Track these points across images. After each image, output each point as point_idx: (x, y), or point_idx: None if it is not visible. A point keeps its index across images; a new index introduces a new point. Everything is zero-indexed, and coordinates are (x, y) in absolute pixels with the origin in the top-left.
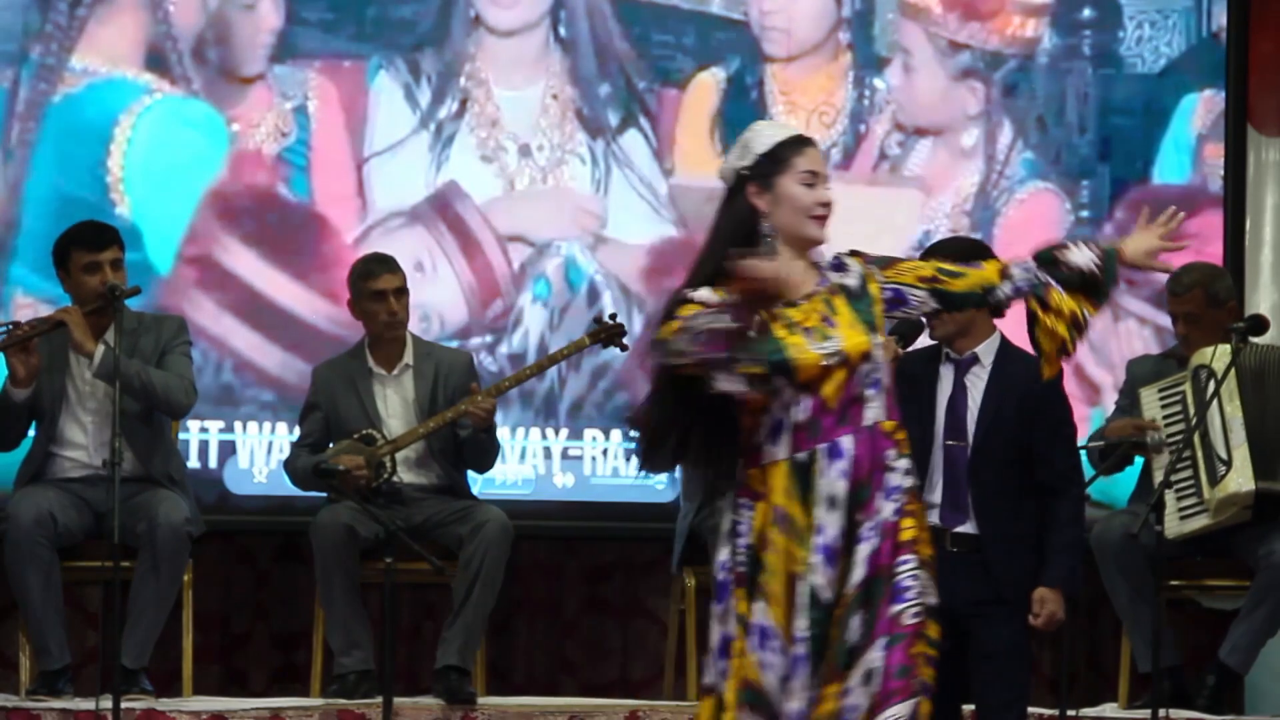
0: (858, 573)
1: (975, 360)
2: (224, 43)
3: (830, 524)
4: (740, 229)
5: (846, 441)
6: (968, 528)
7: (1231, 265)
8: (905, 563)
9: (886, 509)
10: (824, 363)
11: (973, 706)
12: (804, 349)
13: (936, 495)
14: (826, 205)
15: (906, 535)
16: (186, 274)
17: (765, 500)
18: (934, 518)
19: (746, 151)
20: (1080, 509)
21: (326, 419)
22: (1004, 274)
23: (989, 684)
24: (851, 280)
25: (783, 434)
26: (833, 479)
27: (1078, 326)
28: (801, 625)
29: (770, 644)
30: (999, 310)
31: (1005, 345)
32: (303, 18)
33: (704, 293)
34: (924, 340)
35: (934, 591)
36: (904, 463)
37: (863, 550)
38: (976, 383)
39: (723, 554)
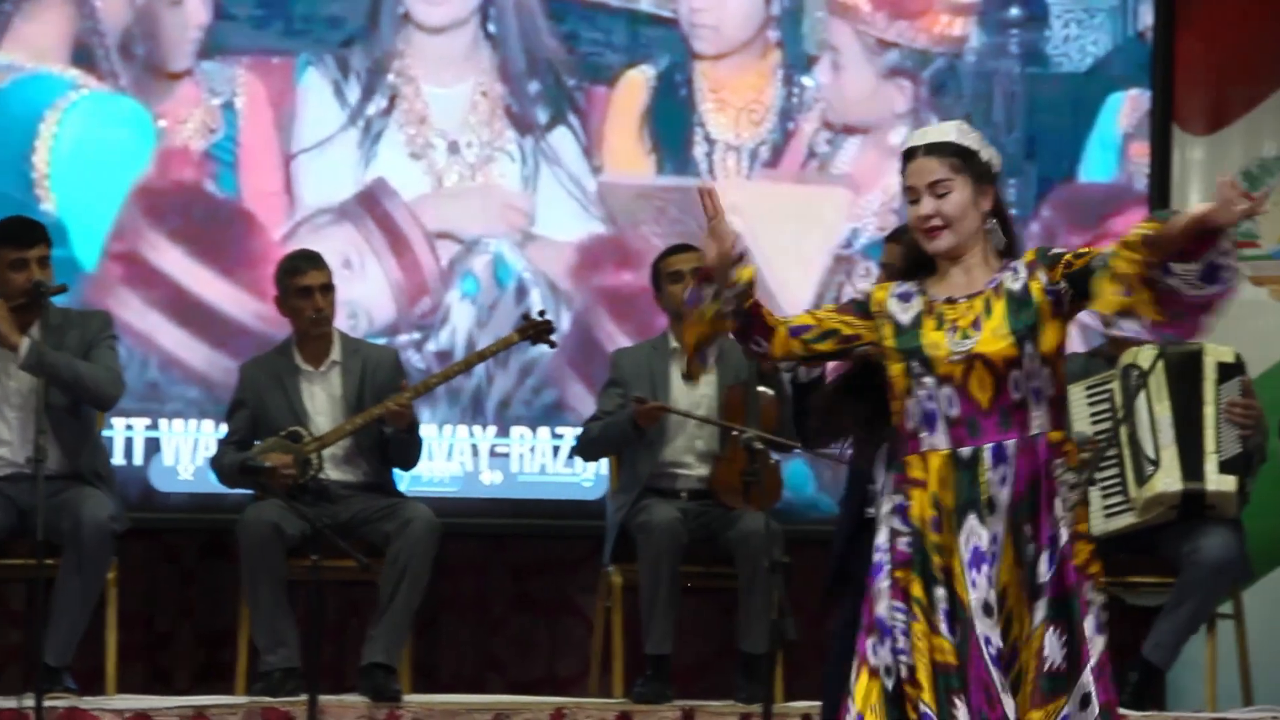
0: (1041, 590)
1: None
2: (151, 38)
3: (987, 528)
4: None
5: (1010, 446)
6: None
7: None
8: (1089, 587)
9: (1056, 525)
10: (950, 359)
11: None
12: (938, 344)
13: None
14: (925, 219)
15: (1080, 560)
16: (113, 270)
17: (923, 488)
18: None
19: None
20: None
21: (253, 416)
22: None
23: None
24: (1017, 284)
25: (938, 425)
26: (994, 483)
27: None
28: (987, 628)
29: (955, 626)
30: None
31: None
32: (231, 14)
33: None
34: None
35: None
36: (1071, 476)
37: (1042, 568)
38: None
39: (881, 536)
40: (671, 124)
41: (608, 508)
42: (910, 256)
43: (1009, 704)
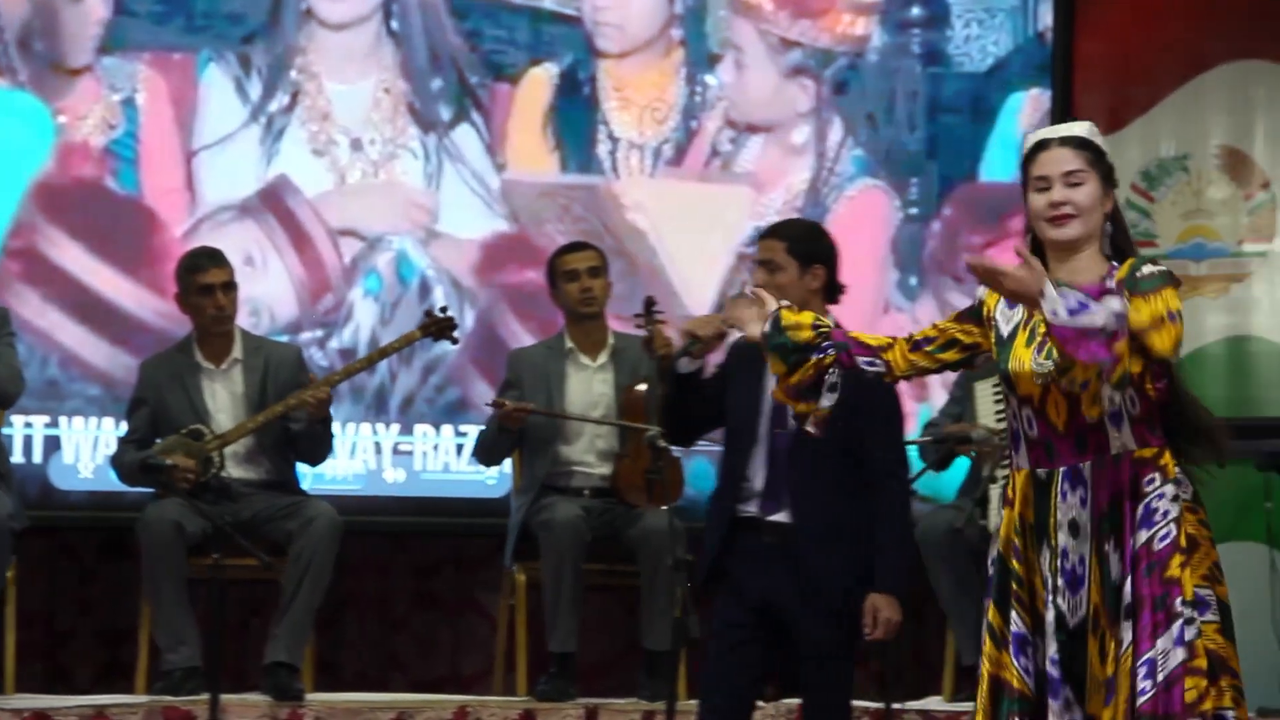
0: (1128, 611)
1: None
2: (51, 34)
3: (1072, 550)
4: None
5: (1086, 469)
6: (783, 517)
7: None
8: (1182, 600)
9: (1142, 537)
10: (1035, 379)
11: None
12: (1023, 362)
13: (759, 482)
14: (1056, 205)
15: (1172, 571)
16: (11, 267)
17: (1011, 508)
18: (755, 506)
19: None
20: (906, 502)
21: (154, 414)
22: None
23: (809, 690)
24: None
25: (1021, 444)
26: (1072, 504)
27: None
28: (1052, 649)
29: (1027, 650)
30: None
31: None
32: (131, 9)
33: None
34: None
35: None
36: (1170, 488)
37: (1127, 588)
38: None
39: (992, 550)
40: (575, 122)
41: (511, 506)
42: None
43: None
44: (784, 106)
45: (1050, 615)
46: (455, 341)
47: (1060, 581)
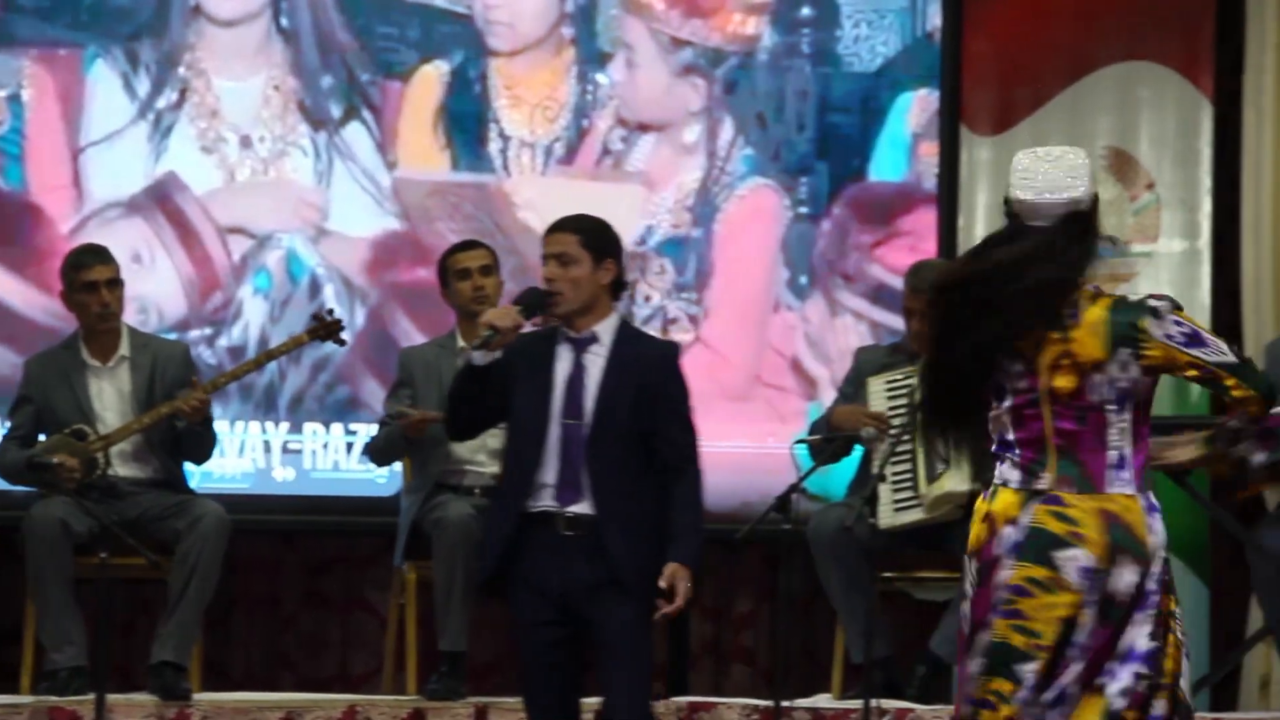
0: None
1: (594, 339)
2: None
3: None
4: None
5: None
6: (583, 508)
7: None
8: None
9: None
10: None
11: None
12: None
13: (551, 475)
14: None
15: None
16: None
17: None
18: (548, 499)
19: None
20: (700, 488)
21: (38, 412)
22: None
23: (613, 672)
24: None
25: (1006, 458)
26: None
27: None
28: None
29: None
30: None
31: (625, 325)
32: (17, 4)
33: None
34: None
35: None
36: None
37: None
38: (595, 361)
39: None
40: (466, 120)
41: (401, 504)
42: None
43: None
44: (675, 105)
45: None
46: (343, 344)
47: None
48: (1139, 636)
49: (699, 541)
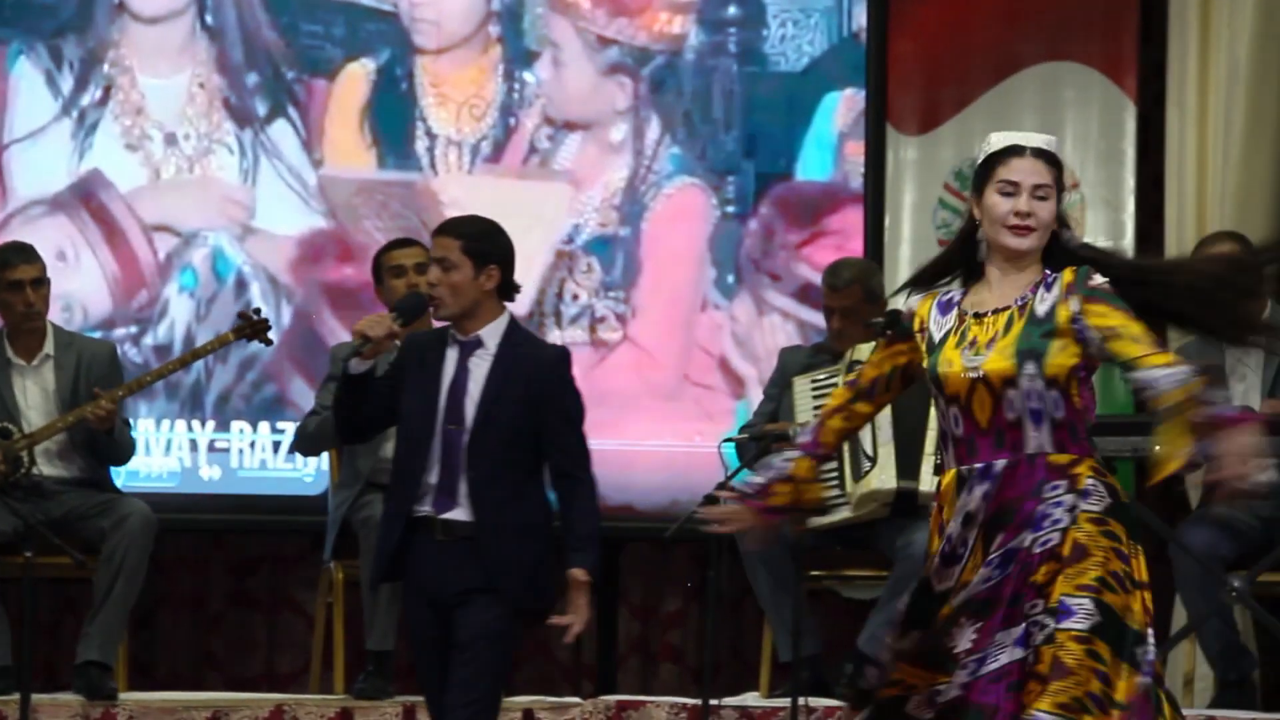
0: (971, 590)
1: (479, 344)
2: None
3: (956, 536)
4: (962, 238)
5: (999, 465)
6: (460, 514)
7: (872, 261)
8: (1034, 606)
9: (1026, 539)
10: (962, 376)
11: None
12: (952, 362)
13: (433, 479)
14: (1021, 216)
15: (1036, 577)
16: None
17: (939, 512)
18: (428, 504)
19: (976, 163)
20: (595, 496)
21: None
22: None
23: (455, 670)
24: (1043, 305)
25: (949, 444)
26: (975, 496)
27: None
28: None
29: None
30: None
31: (513, 329)
32: None
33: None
34: None
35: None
36: (1070, 498)
37: (984, 572)
38: (480, 365)
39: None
40: (392, 118)
41: (329, 503)
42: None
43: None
44: (602, 104)
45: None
46: (270, 343)
47: (936, 562)
48: None
49: (597, 554)
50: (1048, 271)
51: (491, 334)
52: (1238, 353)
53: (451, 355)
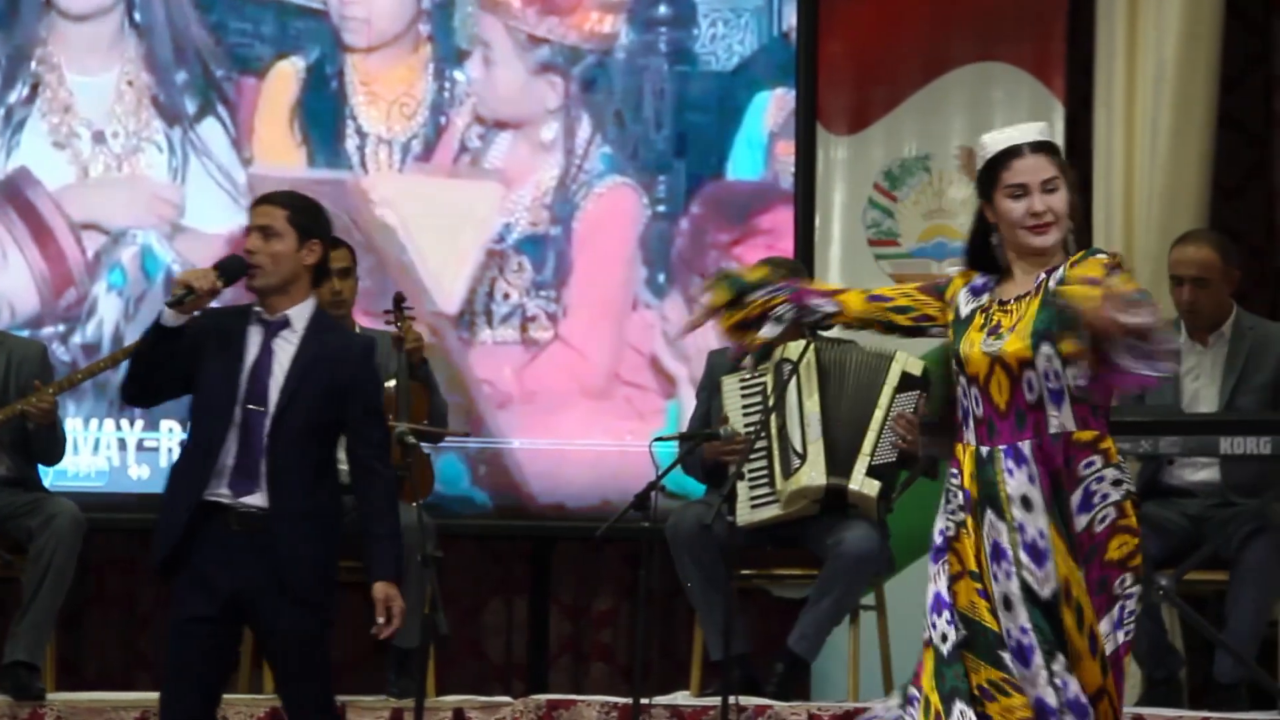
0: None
1: (286, 324)
2: None
3: (1029, 524)
4: (977, 238)
5: (1025, 447)
6: (258, 500)
7: (802, 260)
8: (1123, 581)
9: (1082, 521)
10: (984, 355)
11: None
12: (974, 343)
13: (230, 460)
14: (1038, 215)
15: (1114, 554)
16: None
17: (960, 478)
18: (223, 487)
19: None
20: (393, 490)
21: None
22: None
23: (293, 686)
24: (1054, 283)
25: (969, 422)
26: (1021, 481)
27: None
28: (1023, 619)
29: (944, 613)
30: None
31: (320, 315)
32: None
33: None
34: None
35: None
36: (1112, 472)
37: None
38: (285, 347)
39: (939, 521)
40: (322, 116)
41: None
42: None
43: (1033, 692)
44: (532, 103)
45: (1015, 585)
46: None
47: (1023, 555)
48: None
49: (399, 549)
50: (1063, 256)
51: (300, 315)
52: (1195, 356)
53: (255, 334)
